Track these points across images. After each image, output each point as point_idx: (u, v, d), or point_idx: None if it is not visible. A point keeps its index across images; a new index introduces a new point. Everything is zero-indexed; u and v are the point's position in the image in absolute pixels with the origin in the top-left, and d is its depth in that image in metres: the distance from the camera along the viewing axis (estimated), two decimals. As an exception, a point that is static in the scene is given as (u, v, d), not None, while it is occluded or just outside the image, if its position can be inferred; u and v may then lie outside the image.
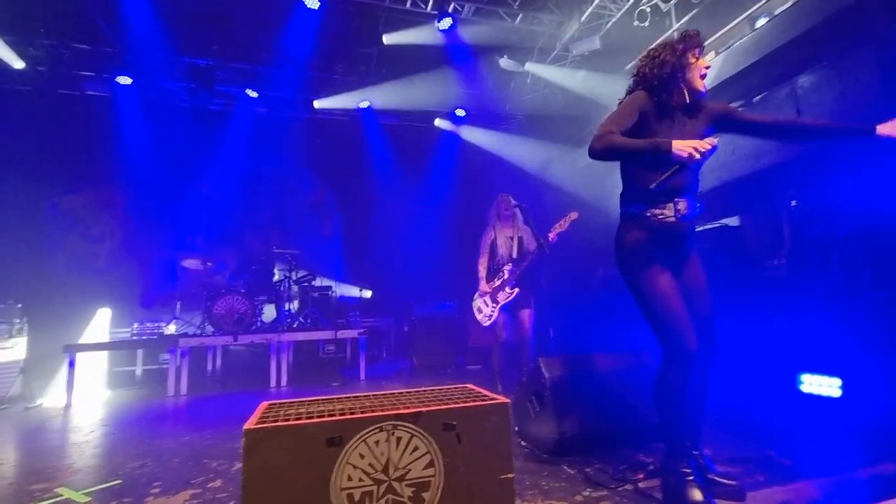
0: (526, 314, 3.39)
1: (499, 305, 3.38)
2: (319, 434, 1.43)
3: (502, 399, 1.69)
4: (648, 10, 4.79)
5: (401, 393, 1.87)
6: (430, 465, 1.52)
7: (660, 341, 1.76)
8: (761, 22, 3.84)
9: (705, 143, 1.58)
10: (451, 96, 6.77)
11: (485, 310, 3.49)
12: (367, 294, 6.53)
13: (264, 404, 1.76)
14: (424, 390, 1.94)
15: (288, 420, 1.47)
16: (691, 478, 1.62)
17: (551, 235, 3.30)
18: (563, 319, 5.68)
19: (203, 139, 6.41)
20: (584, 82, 6.14)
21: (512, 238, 3.53)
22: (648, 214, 1.80)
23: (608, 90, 5.67)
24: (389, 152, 7.20)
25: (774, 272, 3.24)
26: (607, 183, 5.71)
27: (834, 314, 2.93)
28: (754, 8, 3.87)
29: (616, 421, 2.37)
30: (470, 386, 2.00)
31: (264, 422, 1.46)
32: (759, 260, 3.36)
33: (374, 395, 1.85)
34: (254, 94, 6.34)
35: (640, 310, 1.82)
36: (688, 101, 1.83)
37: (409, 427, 1.52)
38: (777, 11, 3.67)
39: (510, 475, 1.60)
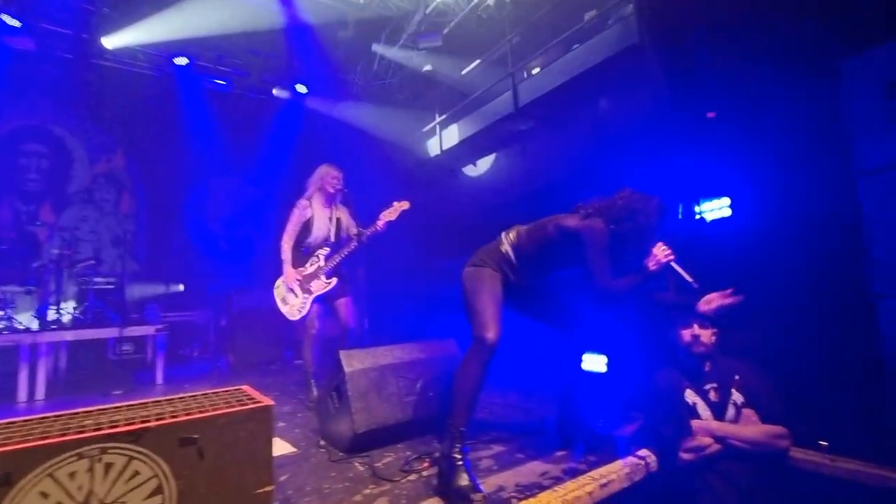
0: (344, 303, 3.14)
1: (312, 296, 3.05)
2: (-32, 475, 1.04)
3: (266, 402, 1.49)
4: (485, 16, 5.03)
5: (142, 404, 1.53)
6: (157, 491, 1.24)
7: (471, 329, 1.89)
8: (575, 47, 4.32)
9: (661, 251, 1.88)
10: (292, 69, 6.19)
11: (293, 301, 3.09)
12: (178, 287, 5.59)
13: None
14: (182, 397, 1.63)
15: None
16: (460, 462, 1.66)
17: (379, 223, 3.17)
18: (381, 310, 5.61)
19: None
20: (430, 78, 6.23)
21: (331, 219, 3.22)
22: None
23: (452, 89, 5.84)
24: (216, 122, 6.23)
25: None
26: (449, 183, 5.91)
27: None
28: (567, 32, 4.34)
29: (418, 410, 2.36)
30: (244, 388, 1.75)
31: None
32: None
33: (100, 410, 1.46)
34: (14, 23, 4.82)
35: (464, 302, 1.98)
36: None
37: (125, 449, 1.21)
38: (589, 41, 4.17)
39: (268, 488, 1.42)
